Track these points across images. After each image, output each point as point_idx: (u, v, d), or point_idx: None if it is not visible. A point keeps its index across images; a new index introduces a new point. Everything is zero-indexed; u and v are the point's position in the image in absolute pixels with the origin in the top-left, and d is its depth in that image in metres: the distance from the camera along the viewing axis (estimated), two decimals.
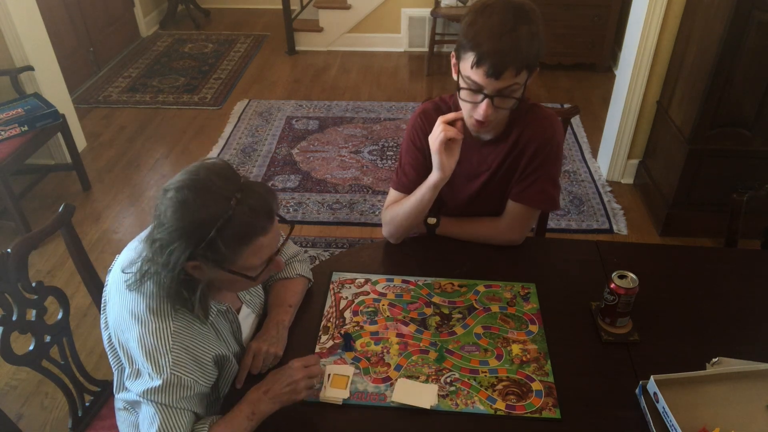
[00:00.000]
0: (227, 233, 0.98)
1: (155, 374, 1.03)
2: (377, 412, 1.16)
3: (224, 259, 1.01)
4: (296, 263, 1.42)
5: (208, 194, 0.98)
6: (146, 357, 1.04)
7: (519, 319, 1.35)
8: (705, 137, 2.52)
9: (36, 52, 3.06)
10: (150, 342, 1.04)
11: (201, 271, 1.03)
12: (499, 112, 1.33)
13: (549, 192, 1.51)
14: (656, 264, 1.54)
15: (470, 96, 1.31)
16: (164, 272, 1.02)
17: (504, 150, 1.49)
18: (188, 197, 0.97)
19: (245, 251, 1.02)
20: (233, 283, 1.11)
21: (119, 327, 1.09)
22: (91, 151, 3.56)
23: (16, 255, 1.26)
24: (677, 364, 1.18)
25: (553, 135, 1.47)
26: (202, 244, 0.98)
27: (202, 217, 0.97)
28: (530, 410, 1.15)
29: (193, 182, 0.99)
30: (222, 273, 1.04)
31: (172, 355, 1.04)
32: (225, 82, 4.37)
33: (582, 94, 4.11)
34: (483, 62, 1.24)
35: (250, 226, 1.01)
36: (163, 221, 0.99)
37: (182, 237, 0.98)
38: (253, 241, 1.02)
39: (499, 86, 1.27)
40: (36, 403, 2.09)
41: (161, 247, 1.00)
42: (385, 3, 4.63)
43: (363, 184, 3.21)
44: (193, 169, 1.02)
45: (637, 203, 3.04)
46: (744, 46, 2.28)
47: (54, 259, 2.70)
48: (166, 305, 1.06)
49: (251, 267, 1.06)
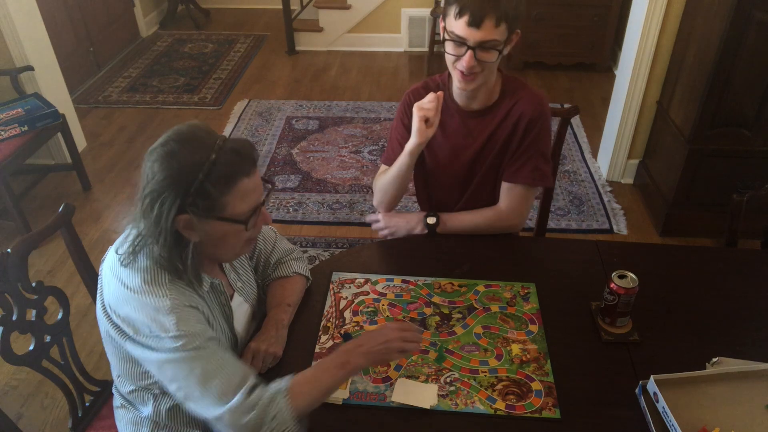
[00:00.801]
0: (213, 175, 1.01)
1: (164, 334, 1.03)
2: (377, 412, 1.16)
3: (213, 206, 1.03)
4: (293, 261, 1.42)
5: (192, 142, 1.03)
6: (151, 321, 1.04)
7: (519, 319, 1.35)
8: (705, 137, 2.52)
9: (36, 52, 3.06)
10: (151, 307, 1.04)
11: (191, 227, 1.04)
12: (483, 66, 1.40)
13: (542, 168, 1.56)
14: (656, 264, 1.54)
15: (454, 48, 1.40)
16: (155, 235, 1.03)
17: (493, 123, 1.54)
18: (174, 148, 1.02)
19: (232, 193, 1.04)
20: (224, 239, 1.10)
21: (117, 303, 1.08)
22: (91, 151, 3.56)
23: (16, 255, 1.26)
24: (677, 364, 1.18)
25: (544, 110, 1.53)
26: (191, 190, 1.00)
27: (189, 162, 1.00)
28: (530, 410, 1.15)
29: (177, 135, 1.04)
30: (212, 224, 1.05)
31: (175, 314, 1.04)
32: (225, 82, 4.37)
33: (582, 94, 4.11)
34: (464, 12, 1.33)
35: (234, 165, 1.03)
36: (150, 177, 1.02)
37: (171, 185, 1.00)
38: (238, 183, 1.04)
39: (480, 37, 1.35)
40: (36, 403, 2.09)
41: (151, 202, 1.01)
42: (385, 3, 4.63)
43: (363, 184, 3.21)
44: (175, 128, 1.06)
45: (637, 203, 3.04)
46: (744, 46, 2.28)
47: (54, 259, 2.70)
48: (162, 276, 1.07)
49: (240, 213, 1.07)
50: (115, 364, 1.21)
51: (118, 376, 1.23)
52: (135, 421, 1.25)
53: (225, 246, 1.12)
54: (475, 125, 1.56)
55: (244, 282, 1.33)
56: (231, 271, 1.30)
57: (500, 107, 1.54)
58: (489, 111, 1.54)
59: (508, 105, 1.53)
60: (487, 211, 1.60)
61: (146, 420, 1.23)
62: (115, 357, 1.18)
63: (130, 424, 1.26)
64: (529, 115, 1.50)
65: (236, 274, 1.31)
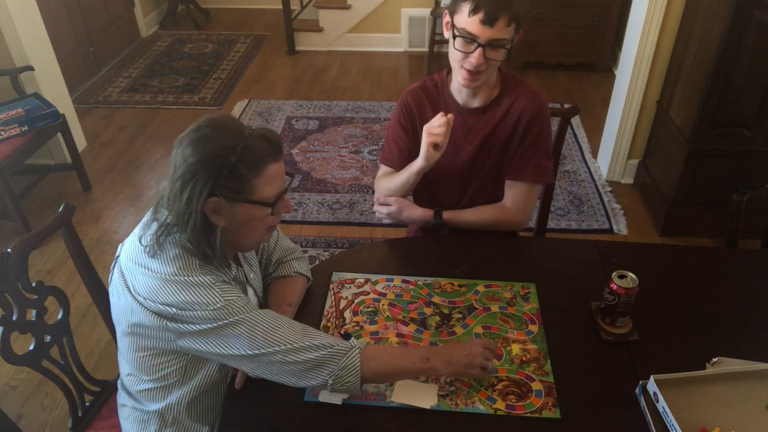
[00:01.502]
0: (246, 158, 1.04)
1: (211, 308, 1.05)
2: (377, 412, 1.16)
3: (243, 189, 1.06)
4: (294, 261, 1.42)
5: (224, 128, 1.07)
6: (197, 297, 1.05)
7: (519, 319, 1.35)
8: (705, 137, 2.52)
9: (36, 52, 3.06)
10: (192, 286, 1.06)
11: (219, 210, 1.06)
12: (489, 64, 1.41)
13: (544, 165, 1.57)
14: (656, 264, 1.54)
15: (464, 45, 1.40)
16: (183, 220, 1.05)
17: (493, 120, 1.54)
18: (207, 132, 1.05)
19: (261, 177, 1.07)
20: (250, 224, 1.12)
21: (153, 292, 1.07)
22: (91, 151, 3.56)
23: (16, 255, 1.26)
24: (677, 364, 1.18)
25: (544, 107, 1.54)
26: (224, 171, 1.03)
27: (222, 145, 1.04)
28: (530, 410, 1.15)
29: (209, 121, 1.07)
30: (240, 208, 1.08)
31: (218, 287, 1.07)
32: (225, 82, 4.37)
33: (582, 94, 4.11)
34: (479, 9, 1.34)
35: (264, 150, 1.07)
36: (181, 161, 1.04)
37: (204, 167, 1.03)
38: (267, 167, 1.08)
39: (492, 35, 1.36)
40: (36, 403, 2.09)
41: (183, 183, 1.03)
42: (385, 3, 4.63)
43: (363, 184, 3.21)
44: (205, 117, 1.10)
45: (637, 203, 3.04)
46: (744, 46, 2.28)
47: (54, 259, 2.70)
48: (191, 263, 1.09)
49: (267, 197, 1.10)
50: (129, 361, 1.20)
51: (129, 374, 1.23)
52: (141, 418, 1.25)
53: (249, 231, 1.14)
54: (475, 123, 1.56)
55: (255, 274, 1.34)
56: (245, 262, 1.31)
57: (500, 105, 1.54)
58: (488, 108, 1.55)
59: (508, 102, 1.53)
60: (491, 209, 1.60)
61: (153, 415, 1.23)
62: (135, 352, 1.17)
63: (136, 422, 1.26)
64: (530, 113, 1.51)
65: (249, 265, 1.32)
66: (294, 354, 1.07)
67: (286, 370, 1.08)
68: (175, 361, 1.16)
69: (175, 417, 1.22)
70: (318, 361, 1.08)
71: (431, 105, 1.59)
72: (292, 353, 1.07)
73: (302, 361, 1.07)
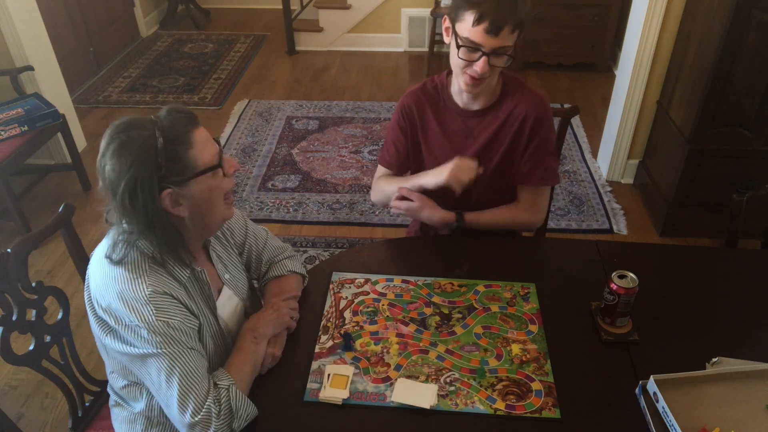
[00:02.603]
0: (169, 137, 1.04)
1: (143, 324, 1.05)
2: (377, 412, 1.16)
3: (186, 166, 1.06)
4: (287, 260, 1.42)
5: (134, 126, 1.05)
6: (130, 310, 1.06)
7: (519, 319, 1.35)
8: (705, 137, 2.52)
9: (36, 52, 3.06)
10: (129, 296, 1.06)
11: (177, 200, 1.07)
12: (493, 70, 1.40)
13: (552, 167, 1.58)
14: (656, 264, 1.54)
15: (467, 54, 1.38)
16: (148, 228, 1.05)
17: (495, 123, 1.54)
18: (121, 138, 1.04)
19: (194, 146, 1.07)
20: (209, 199, 1.12)
21: (100, 292, 1.10)
22: (91, 151, 3.55)
23: (16, 255, 1.26)
24: (677, 364, 1.18)
25: (547, 109, 1.55)
26: (160, 160, 1.03)
27: (143, 138, 1.03)
28: (530, 410, 1.15)
29: (116, 128, 1.06)
30: (194, 185, 1.07)
31: (153, 304, 1.07)
32: (225, 82, 4.37)
33: (582, 94, 4.11)
34: (483, 19, 1.31)
35: (180, 123, 1.07)
36: (116, 175, 1.03)
37: (140, 166, 1.02)
38: (194, 135, 1.07)
39: (497, 44, 1.35)
40: (36, 403, 2.09)
41: (130, 191, 1.03)
42: (385, 3, 4.63)
43: (363, 184, 3.21)
44: (109, 128, 1.08)
45: (637, 203, 3.04)
46: (744, 46, 2.28)
47: (54, 259, 2.70)
48: (143, 264, 1.09)
49: (210, 161, 1.10)
50: (107, 360, 1.21)
51: (111, 372, 1.23)
52: (129, 418, 1.25)
53: (211, 206, 1.13)
54: (476, 125, 1.56)
55: (232, 275, 1.32)
56: (218, 262, 1.29)
57: (501, 107, 1.53)
58: (489, 111, 1.54)
59: (510, 106, 1.52)
60: (508, 210, 1.61)
61: (139, 416, 1.23)
62: (106, 352, 1.18)
63: (124, 423, 1.26)
64: (534, 116, 1.50)
65: (224, 265, 1.30)
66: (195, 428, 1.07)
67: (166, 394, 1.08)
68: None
69: (158, 418, 1.22)
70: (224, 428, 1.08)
71: (431, 107, 1.58)
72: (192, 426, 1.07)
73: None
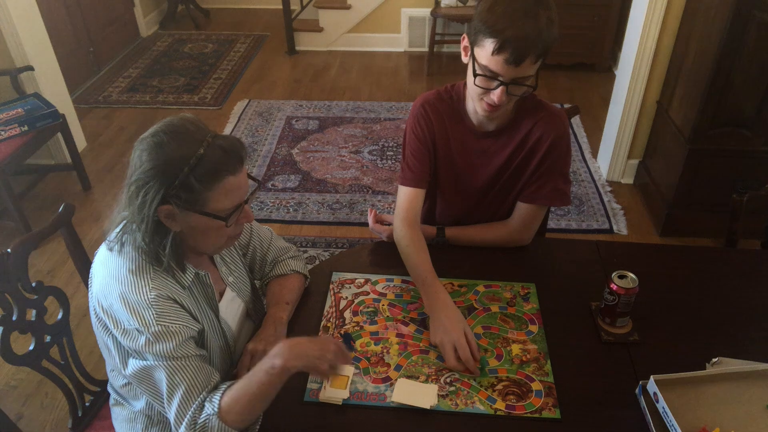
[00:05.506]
0: (199, 171, 1.02)
1: (143, 328, 1.04)
2: (377, 412, 1.16)
3: (196, 200, 1.04)
4: (290, 260, 1.42)
5: (182, 136, 1.03)
6: (131, 313, 1.05)
7: (519, 319, 1.34)
8: (705, 137, 2.52)
9: (36, 52, 3.06)
10: (131, 298, 1.06)
11: (173, 217, 1.05)
12: (510, 99, 1.32)
13: (561, 188, 1.51)
14: (656, 264, 1.54)
15: (485, 82, 1.30)
16: (138, 221, 1.04)
17: (511, 143, 1.48)
18: (163, 139, 1.03)
19: (216, 190, 1.04)
20: (205, 233, 1.10)
21: (102, 292, 1.09)
22: (91, 151, 3.56)
23: (16, 255, 1.26)
24: (677, 364, 1.18)
25: (566, 130, 1.46)
26: (176, 182, 1.01)
27: (176, 155, 1.01)
28: (530, 410, 1.15)
29: (167, 127, 1.05)
30: (194, 217, 1.06)
31: (155, 309, 1.06)
32: (225, 82, 4.37)
33: (582, 94, 4.11)
34: (504, 49, 1.22)
35: (220, 164, 1.04)
36: (137, 165, 1.04)
37: (157, 175, 1.01)
38: (223, 180, 1.05)
39: (517, 74, 1.26)
40: (36, 403, 2.09)
41: (137, 189, 1.03)
42: (385, 3, 4.63)
43: (363, 184, 3.21)
44: (167, 120, 1.07)
45: (637, 203, 3.04)
46: (744, 46, 2.28)
47: (54, 259, 2.70)
48: (146, 266, 1.09)
49: (222, 209, 1.07)
50: (107, 358, 1.21)
51: (111, 370, 1.24)
52: (129, 417, 1.25)
53: (206, 239, 1.13)
54: (490, 145, 1.49)
55: (236, 277, 1.32)
56: (222, 264, 1.29)
57: (518, 128, 1.46)
58: (504, 131, 1.47)
59: (528, 126, 1.45)
60: (494, 228, 1.56)
61: (139, 415, 1.23)
62: (107, 350, 1.18)
63: (125, 422, 1.26)
64: (551, 138, 1.43)
65: (228, 268, 1.30)
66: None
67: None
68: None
69: (158, 416, 1.23)
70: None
71: (448, 119, 1.50)
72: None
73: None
